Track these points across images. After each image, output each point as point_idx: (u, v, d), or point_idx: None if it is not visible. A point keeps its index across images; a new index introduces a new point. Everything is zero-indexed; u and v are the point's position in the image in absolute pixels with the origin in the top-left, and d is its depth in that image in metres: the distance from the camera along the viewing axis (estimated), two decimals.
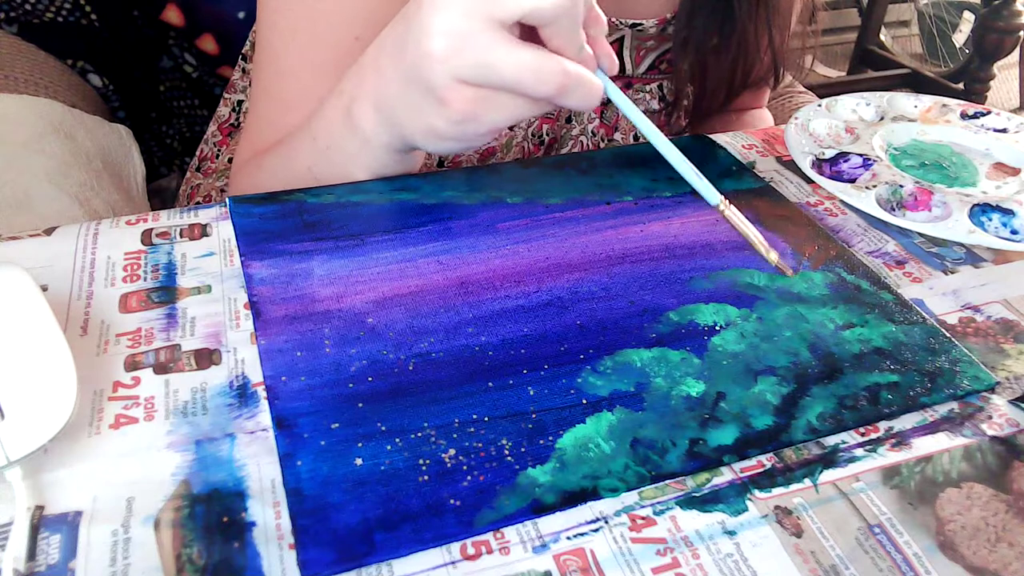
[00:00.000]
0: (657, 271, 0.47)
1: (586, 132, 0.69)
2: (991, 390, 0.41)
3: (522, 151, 0.66)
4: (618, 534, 0.33)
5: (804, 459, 0.37)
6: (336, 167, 0.52)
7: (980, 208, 0.53)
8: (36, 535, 0.31)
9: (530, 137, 0.66)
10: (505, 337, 0.41)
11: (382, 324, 0.42)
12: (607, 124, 0.69)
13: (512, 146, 0.65)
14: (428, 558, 0.32)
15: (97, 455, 0.35)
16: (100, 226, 0.48)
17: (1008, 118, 0.63)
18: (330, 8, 0.56)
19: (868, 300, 0.46)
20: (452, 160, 0.66)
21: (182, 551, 0.31)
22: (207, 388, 0.38)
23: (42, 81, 0.79)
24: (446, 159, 0.66)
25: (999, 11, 2.16)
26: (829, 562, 0.32)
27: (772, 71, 0.70)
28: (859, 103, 0.65)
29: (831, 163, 0.58)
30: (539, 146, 0.67)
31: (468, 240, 0.48)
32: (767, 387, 0.39)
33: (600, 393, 0.38)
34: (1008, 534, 0.34)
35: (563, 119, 0.68)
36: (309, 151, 0.53)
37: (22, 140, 0.72)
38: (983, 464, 0.37)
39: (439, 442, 0.36)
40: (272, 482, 0.34)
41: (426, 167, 0.66)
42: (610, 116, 0.69)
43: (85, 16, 0.84)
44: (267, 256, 0.46)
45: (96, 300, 0.43)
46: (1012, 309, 0.46)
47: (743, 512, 0.34)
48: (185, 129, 0.96)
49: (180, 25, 0.89)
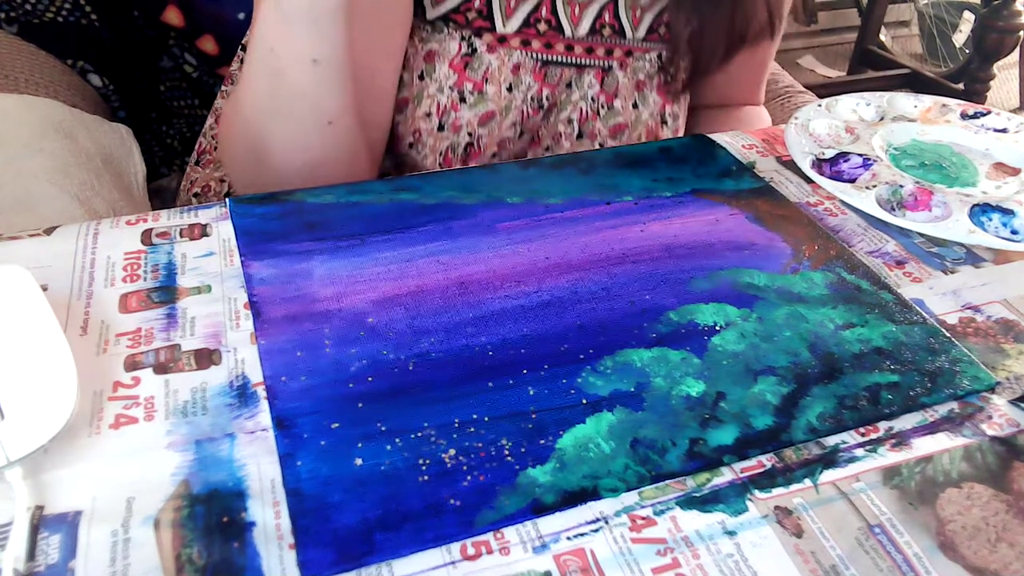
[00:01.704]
0: (657, 271, 0.47)
1: (586, 98, 0.69)
2: (991, 390, 0.41)
3: (521, 114, 0.66)
4: (618, 534, 0.33)
5: (804, 459, 0.37)
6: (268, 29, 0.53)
7: (980, 208, 0.53)
8: (36, 535, 0.31)
9: (529, 101, 0.67)
10: (505, 337, 0.41)
11: (382, 324, 0.42)
12: (607, 91, 0.69)
13: (511, 109, 0.66)
14: (428, 558, 0.32)
15: (97, 455, 0.35)
16: (100, 226, 0.48)
17: (1008, 118, 0.63)
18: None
19: (868, 300, 0.46)
20: (445, 160, 0.66)
21: (182, 551, 0.31)
22: (207, 388, 0.38)
23: (42, 81, 0.79)
24: (447, 158, 0.66)
25: (999, 11, 2.16)
26: (829, 562, 0.32)
27: (769, 24, 0.71)
28: (859, 103, 0.65)
29: (831, 163, 0.58)
30: (538, 110, 0.67)
31: (468, 240, 0.48)
32: (767, 387, 0.39)
33: (600, 393, 0.38)
34: (1008, 534, 0.34)
35: (563, 84, 0.68)
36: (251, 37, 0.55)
37: (23, 140, 0.72)
38: (983, 464, 0.37)
39: (439, 442, 0.36)
40: (272, 482, 0.34)
41: (428, 167, 0.66)
42: (611, 83, 0.69)
43: (85, 16, 0.84)
44: (267, 256, 0.46)
45: (96, 300, 0.43)
46: (1012, 309, 0.46)
47: (743, 512, 0.34)
48: (185, 129, 0.96)
49: (180, 26, 0.89)
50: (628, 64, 0.69)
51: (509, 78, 0.66)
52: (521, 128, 0.67)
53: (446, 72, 0.63)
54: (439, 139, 0.65)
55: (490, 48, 0.64)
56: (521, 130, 0.67)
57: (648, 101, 0.71)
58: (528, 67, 0.66)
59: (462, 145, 0.66)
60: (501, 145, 0.68)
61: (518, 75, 0.66)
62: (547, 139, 0.70)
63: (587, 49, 0.68)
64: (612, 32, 0.68)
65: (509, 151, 0.69)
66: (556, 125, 0.70)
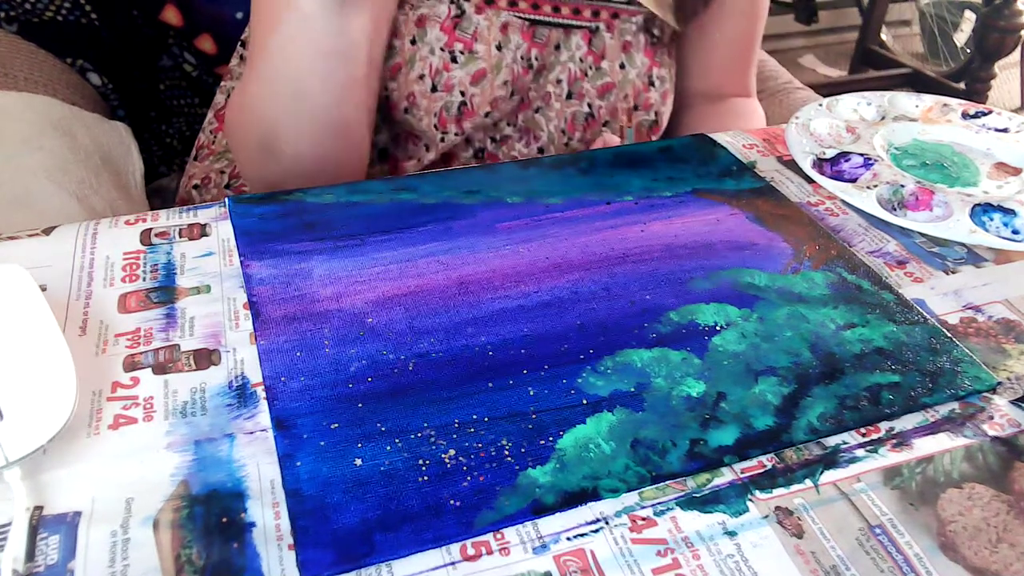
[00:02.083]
0: (657, 271, 0.47)
1: (574, 59, 0.71)
2: (992, 390, 0.40)
3: (511, 73, 0.68)
4: (618, 535, 0.33)
5: (805, 459, 0.36)
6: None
7: (981, 208, 0.53)
8: (35, 535, 0.31)
9: (519, 60, 0.68)
10: (505, 337, 0.41)
11: (382, 324, 0.42)
12: (595, 52, 0.70)
13: (502, 68, 0.67)
14: (428, 559, 0.31)
15: (96, 455, 0.35)
16: (99, 226, 0.48)
17: (1009, 118, 0.63)
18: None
19: (869, 300, 0.45)
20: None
21: (181, 552, 0.31)
22: (206, 388, 0.38)
23: (41, 79, 0.79)
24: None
25: (1000, 10, 2.16)
26: (830, 563, 0.32)
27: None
28: (860, 103, 0.65)
29: (832, 163, 0.57)
30: (527, 69, 0.69)
31: (468, 240, 0.48)
32: (768, 387, 0.39)
33: (600, 393, 0.38)
34: (1009, 534, 0.34)
35: (551, 45, 0.70)
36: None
37: (21, 137, 0.72)
38: (984, 464, 0.37)
39: (439, 442, 0.36)
40: (271, 483, 0.34)
41: (423, 129, 0.67)
42: (598, 44, 0.71)
43: (85, 15, 0.84)
44: (266, 256, 0.46)
45: (95, 300, 0.43)
46: (1013, 309, 0.46)
47: (744, 513, 0.34)
48: (185, 128, 0.96)
49: (179, 25, 0.89)
50: (615, 26, 0.71)
51: (498, 37, 0.67)
52: (512, 88, 0.68)
53: (437, 35, 0.65)
54: (432, 100, 0.66)
55: (478, 9, 0.66)
56: (512, 89, 0.69)
57: (635, 62, 0.73)
58: (516, 26, 0.68)
59: (455, 104, 0.67)
60: (493, 105, 0.69)
61: (506, 34, 0.67)
62: (537, 100, 0.71)
63: (574, 10, 0.69)
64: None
65: (501, 111, 0.70)
66: (545, 86, 0.71)
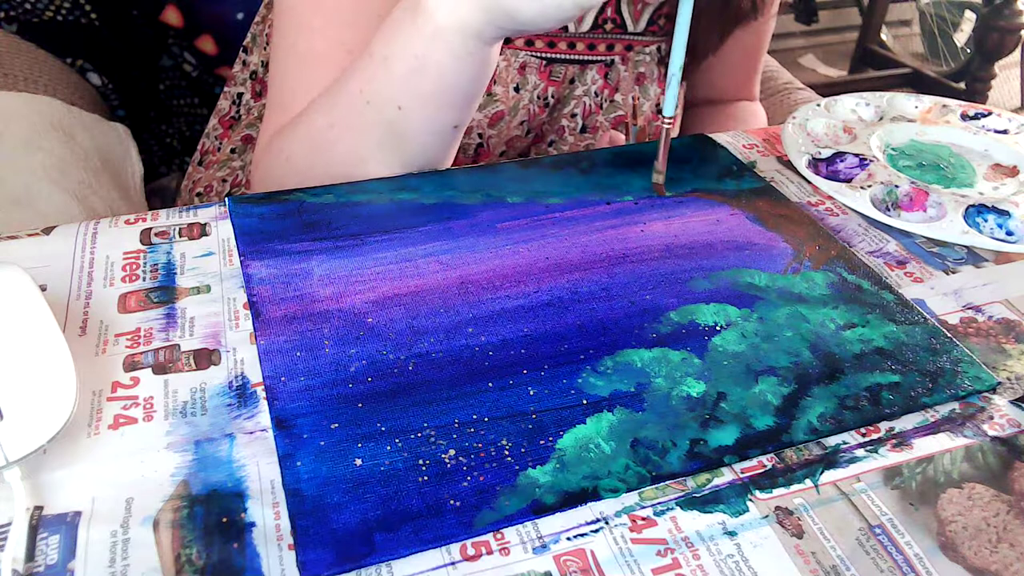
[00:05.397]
0: (657, 271, 0.47)
1: (589, 93, 0.71)
2: (992, 390, 0.40)
3: (528, 113, 0.68)
4: (618, 535, 0.33)
5: (805, 459, 0.36)
6: (396, 80, 0.50)
7: (976, 209, 0.53)
8: (35, 536, 0.31)
9: (536, 100, 0.68)
10: (505, 337, 0.41)
11: (382, 324, 0.42)
12: (610, 84, 0.70)
13: (519, 108, 0.67)
14: (428, 559, 0.31)
15: (96, 455, 0.35)
16: (99, 226, 0.48)
17: (1009, 119, 0.63)
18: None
19: (869, 300, 0.45)
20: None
21: (181, 552, 0.31)
22: (206, 388, 0.38)
23: (41, 79, 0.79)
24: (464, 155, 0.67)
25: (1000, 10, 2.17)
26: (830, 563, 0.32)
27: (753, 3, 0.73)
28: (858, 103, 0.65)
29: (827, 163, 0.58)
30: (544, 108, 0.69)
31: (468, 240, 0.48)
32: (768, 387, 0.39)
33: (600, 393, 0.38)
34: (1009, 535, 0.34)
35: (567, 80, 0.69)
36: (362, 72, 0.51)
37: (21, 138, 0.72)
38: (984, 465, 0.37)
39: (439, 442, 0.36)
40: (271, 483, 0.34)
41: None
42: (613, 76, 0.70)
43: (85, 15, 0.84)
44: (266, 256, 0.46)
45: (95, 300, 0.43)
46: (1013, 309, 0.46)
47: (744, 513, 0.34)
48: (185, 128, 0.96)
49: (179, 26, 0.89)
50: (629, 58, 0.71)
51: (516, 78, 0.67)
52: (528, 127, 0.68)
53: None
54: None
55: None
56: (528, 128, 0.68)
57: (649, 93, 0.73)
58: (534, 66, 0.67)
59: (472, 146, 0.67)
60: (509, 144, 0.69)
61: (524, 75, 0.67)
62: (551, 134, 0.71)
63: (589, 45, 0.69)
64: (614, 27, 0.69)
65: (516, 149, 0.69)
66: (560, 120, 0.71)
